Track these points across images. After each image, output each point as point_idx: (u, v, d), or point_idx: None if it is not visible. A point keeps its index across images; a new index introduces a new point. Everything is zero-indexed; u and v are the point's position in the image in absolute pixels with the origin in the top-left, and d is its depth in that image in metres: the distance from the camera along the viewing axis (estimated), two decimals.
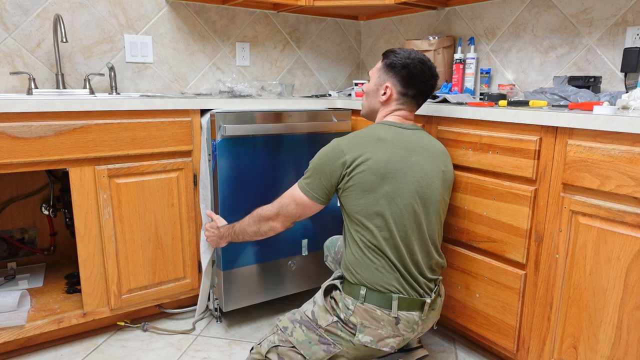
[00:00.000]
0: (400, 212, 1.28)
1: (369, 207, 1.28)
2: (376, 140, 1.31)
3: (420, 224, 1.32)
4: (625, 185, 1.13)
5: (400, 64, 1.36)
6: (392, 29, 2.58)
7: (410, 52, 1.38)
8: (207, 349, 1.67)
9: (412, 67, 1.36)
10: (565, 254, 1.28)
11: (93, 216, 1.59)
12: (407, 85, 1.37)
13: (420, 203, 1.31)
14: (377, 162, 1.27)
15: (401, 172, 1.29)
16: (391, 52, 1.40)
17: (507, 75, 2.07)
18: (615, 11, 1.69)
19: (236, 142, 1.68)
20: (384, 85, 1.40)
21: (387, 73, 1.39)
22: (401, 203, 1.28)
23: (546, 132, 1.30)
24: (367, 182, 1.27)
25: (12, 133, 1.41)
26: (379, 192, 1.27)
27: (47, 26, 1.92)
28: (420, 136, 1.37)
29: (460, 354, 1.67)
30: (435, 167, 1.34)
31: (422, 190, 1.31)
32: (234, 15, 2.35)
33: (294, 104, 1.92)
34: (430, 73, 1.38)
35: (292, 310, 1.45)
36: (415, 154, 1.32)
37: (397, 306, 1.26)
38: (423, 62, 1.37)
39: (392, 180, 1.27)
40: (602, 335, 1.22)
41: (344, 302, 1.30)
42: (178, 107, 1.67)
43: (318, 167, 1.32)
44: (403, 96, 1.39)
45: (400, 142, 1.32)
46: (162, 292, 1.77)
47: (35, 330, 1.56)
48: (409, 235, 1.29)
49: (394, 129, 1.35)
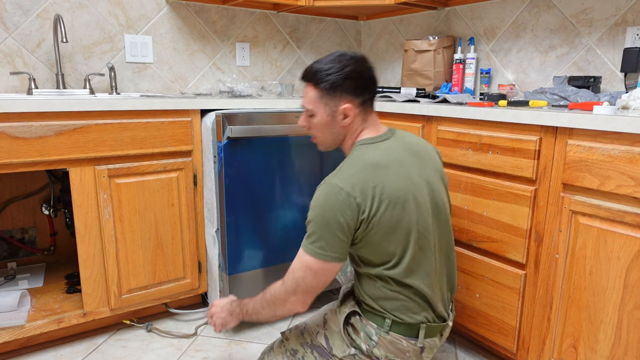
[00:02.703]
0: (425, 235, 1.13)
1: (395, 245, 1.10)
2: (374, 167, 1.10)
3: (441, 239, 1.20)
4: (625, 185, 1.13)
5: (342, 77, 1.13)
6: (392, 29, 2.59)
7: (337, 58, 1.16)
8: (207, 349, 1.67)
9: (354, 72, 1.14)
10: (565, 254, 1.28)
11: (93, 216, 1.59)
12: (361, 92, 1.16)
13: (434, 216, 1.17)
14: (391, 192, 1.08)
15: (413, 193, 1.11)
16: (319, 72, 1.15)
17: (507, 75, 2.07)
18: (615, 11, 1.69)
19: (242, 143, 1.67)
20: (339, 109, 1.16)
21: (334, 94, 1.15)
22: (422, 226, 1.12)
23: (546, 132, 1.30)
24: (390, 219, 1.07)
25: (12, 133, 1.41)
26: (404, 225, 1.09)
27: (47, 26, 1.92)
28: (403, 140, 1.21)
29: (460, 354, 1.67)
30: (432, 170, 1.21)
31: (435, 202, 1.18)
32: (234, 15, 2.35)
33: (294, 103, 1.92)
34: (362, 62, 1.17)
35: (297, 324, 1.32)
36: (412, 165, 1.16)
37: (424, 335, 1.14)
38: (354, 58, 1.16)
39: (410, 205, 1.10)
40: (602, 335, 1.22)
41: (365, 330, 1.15)
42: (178, 107, 1.67)
43: (327, 221, 1.06)
44: (363, 105, 1.18)
45: (396, 160, 1.14)
46: (162, 292, 1.77)
47: (35, 330, 1.56)
48: (435, 256, 1.17)
49: (380, 147, 1.16)
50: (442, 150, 1.59)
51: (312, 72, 1.17)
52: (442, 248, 1.21)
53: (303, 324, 1.29)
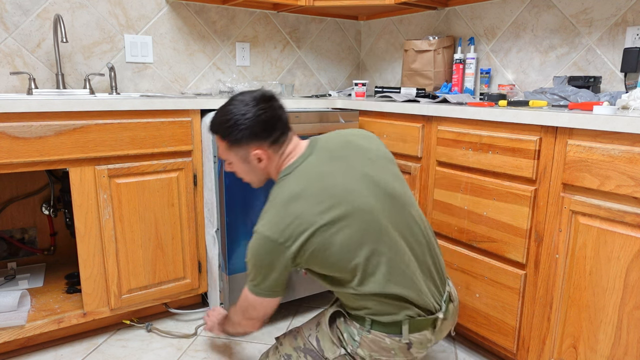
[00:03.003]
0: (385, 237, 1.10)
1: (355, 260, 1.08)
2: (294, 200, 1.08)
3: (412, 229, 1.16)
4: (625, 185, 1.13)
5: (243, 127, 1.15)
6: (392, 29, 2.59)
7: (238, 106, 1.16)
8: (207, 349, 1.67)
9: (256, 119, 1.14)
10: (565, 254, 1.28)
11: (93, 216, 1.59)
12: (268, 134, 1.16)
13: (391, 210, 1.13)
14: (318, 219, 1.06)
15: (351, 203, 1.08)
16: (222, 125, 1.18)
17: (507, 75, 2.07)
18: (615, 11, 1.69)
19: None
20: (250, 155, 1.18)
21: (241, 144, 1.17)
22: (376, 229, 1.09)
23: (546, 132, 1.30)
24: (332, 242, 1.07)
25: (12, 133, 1.41)
26: (353, 240, 1.08)
27: (47, 26, 1.92)
28: (326, 147, 1.18)
29: (460, 354, 1.67)
30: (367, 161, 1.16)
31: (386, 194, 1.14)
32: (234, 15, 2.35)
33: (294, 104, 1.92)
34: (263, 102, 1.17)
35: (292, 329, 1.32)
36: (339, 172, 1.12)
37: (408, 330, 1.12)
38: (255, 99, 1.16)
39: (351, 217, 1.07)
40: (602, 335, 1.22)
41: (348, 331, 1.15)
42: (178, 107, 1.67)
43: (260, 266, 1.11)
44: (274, 143, 1.17)
45: (317, 177, 1.11)
46: (162, 292, 1.77)
47: (35, 330, 1.56)
48: (410, 251, 1.14)
49: (298, 172, 1.14)
50: (442, 150, 1.59)
51: (216, 125, 1.19)
52: (417, 238, 1.16)
53: (298, 328, 1.29)
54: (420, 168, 1.71)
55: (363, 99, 2.04)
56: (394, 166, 1.23)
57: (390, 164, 1.22)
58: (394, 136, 1.78)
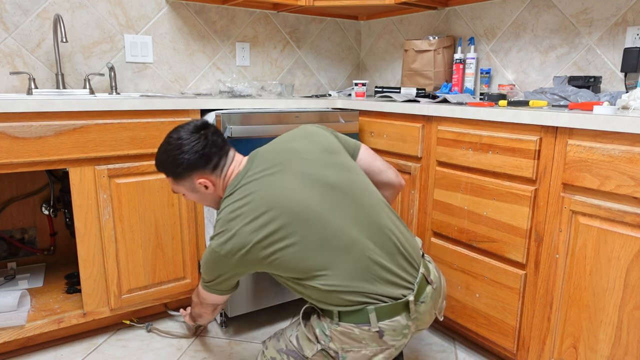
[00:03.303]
0: (333, 237, 1.11)
1: (312, 261, 1.11)
2: (233, 220, 1.13)
3: (367, 217, 1.16)
4: (625, 185, 1.13)
5: (180, 163, 1.22)
6: (392, 29, 2.59)
7: (173, 143, 1.23)
8: (207, 349, 1.67)
9: (190, 153, 1.21)
10: (565, 254, 1.28)
11: (93, 216, 1.59)
12: (206, 162, 1.22)
13: (335, 203, 1.15)
14: (255, 234, 1.10)
15: (287, 211, 1.11)
16: (162, 165, 1.26)
17: (507, 75, 2.07)
18: (615, 11, 1.69)
19: (243, 143, 1.67)
20: (196, 185, 1.25)
21: (183, 177, 1.24)
22: (320, 230, 1.11)
23: (546, 132, 1.30)
24: (274, 251, 1.11)
25: (12, 133, 1.41)
26: (297, 248, 1.11)
27: (47, 26, 1.92)
28: (263, 158, 1.22)
29: (460, 354, 1.67)
30: (305, 162, 1.19)
31: (331, 188, 1.16)
32: (234, 15, 2.35)
33: (294, 103, 1.92)
34: (195, 134, 1.23)
35: (277, 331, 1.34)
36: (274, 182, 1.15)
37: (376, 318, 1.11)
38: (189, 131, 1.23)
39: (293, 225, 1.11)
40: (602, 335, 1.22)
41: (320, 327, 1.17)
42: (178, 107, 1.67)
43: (210, 273, 1.20)
44: (215, 169, 1.24)
45: (255, 190, 1.15)
46: (162, 292, 1.77)
47: (35, 330, 1.56)
48: (365, 245, 1.13)
49: (238, 192, 1.17)
50: (442, 150, 1.59)
51: (158, 165, 1.28)
52: (373, 223, 1.16)
53: (282, 329, 1.30)
54: (420, 168, 1.71)
55: (363, 99, 2.04)
56: (337, 155, 1.24)
57: (331, 155, 1.23)
58: (394, 136, 1.78)
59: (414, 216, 1.75)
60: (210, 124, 1.28)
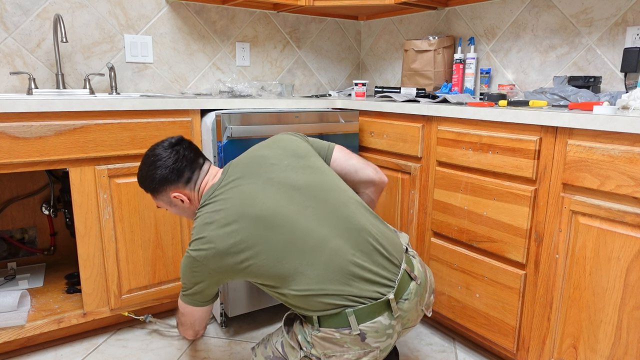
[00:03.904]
0: (301, 241, 1.11)
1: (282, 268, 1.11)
2: (207, 226, 1.15)
3: (336, 216, 1.15)
4: (625, 185, 1.13)
5: (155, 176, 1.26)
6: (392, 29, 2.59)
7: (145, 162, 1.28)
8: (207, 349, 1.67)
9: (162, 170, 1.25)
10: (565, 254, 1.28)
11: (93, 216, 1.59)
12: (177, 177, 1.26)
13: (306, 202, 1.16)
14: (229, 241, 1.11)
15: (259, 217, 1.13)
16: (140, 182, 1.31)
17: (507, 75, 2.07)
18: (615, 11, 1.69)
19: (243, 143, 1.67)
20: (172, 198, 1.29)
21: (159, 192, 1.29)
22: (290, 235, 1.11)
23: (546, 132, 1.30)
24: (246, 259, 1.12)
25: (12, 133, 1.41)
26: (269, 255, 1.11)
27: (47, 26, 1.92)
28: (236, 169, 1.23)
29: (460, 354, 1.67)
30: (275, 168, 1.21)
31: (293, 188, 1.17)
32: (234, 15, 2.35)
33: (294, 103, 1.92)
34: (166, 150, 1.27)
35: (264, 337, 1.33)
36: (249, 192, 1.16)
37: (356, 321, 1.09)
38: (163, 148, 1.28)
39: (266, 232, 1.12)
40: (602, 335, 1.22)
41: (302, 334, 1.16)
42: (178, 107, 1.67)
43: (189, 282, 1.20)
44: (188, 183, 1.28)
45: (230, 201, 1.16)
46: (162, 292, 1.77)
47: (35, 330, 1.56)
48: (330, 239, 1.12)
49: (213, 203, 1.18)
50: (442, 150, 1.59)
51: (139, 181, 1.32)
52: (346, 223, 1.15)
53: (269, 335, 1.30)
54: (420, 168, 1.71)
55: (363, 99, 2.04)
56: (305, 159, 1.25)
57: (300, 159, 1.25)
58: (394, 136, 1.78)
59: (414, 216, 1.75)
60: (184, 140, 1.31)
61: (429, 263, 1.71)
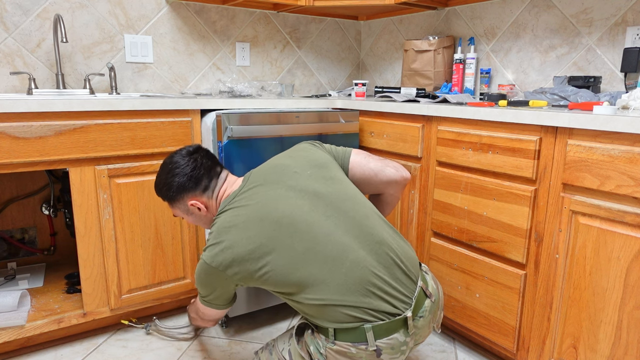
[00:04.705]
0: (324, 250, 1.10)
1: (298, 275, 1.10)
2: (227, 230, 1.15)
3: (357, 228, 1.15)
4: (625, 185, 1.13)
5: (173, 183, 1.27)
6: (392, 29, 2.59)
7: (166, 169, 1.29)
8: (207, 349, 1.67)
9: (180, 177, 1.26)
10: (565, 254, 1.28)
11: (93, 216, 1.59)
12: (195, 185, 1.27)
13: (329, 212, 1.15)
14: (250, 245, 1.11)
15: (280, 225, 1.12)
16: (156, 189, 1.32)
17: (507, 75, 2.07)
18: (615, 11, 1.69)
19: (243, 143, 1.67)
20: (188, 207, 1.30)
21: (176, 200, 1.30)
22: (312, 243, 1.10)
23: (546, 132, 1.30)
24: (264, 266, 1.11)
25: (12, 133, 1.41)
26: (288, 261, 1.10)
27: (47, 26, 1.92)
28: (259, 177, 1.23)
29: (460, 354, 1.67)
30: (296, 177, 1.21)
31: (320, 201, 1.16)
32: (234, 15, 2.35)
33: (294, 103, 1.92)
34: (183, 158, 1.28)
35: (268, 341, 1.32)
36: (272, 197, 1.16)
37: (374, 336, 1.08)
38: (180, 155, 1.29)
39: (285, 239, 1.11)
40: (602, 335, 1.22)
41: (315, 345, 1.13)
42: (178, 107, 1.67)
43: (204, 287, 1.21)
44: (206, 191, 1.29)
45: (250, 207, 1.16)
46: (162, 292, 1.77)
47: (35, 330, 1.56)
48: (350, 251, 1.11)
49: (232, 210, 1.18)
50: (442, 150, 1.59)
51: (156, 190, 1.33)
52: (367, 236, 1.14)
53: (274, 340, 1.29)
54: (421, 168, 1.71)
55: (363, 99, 2.04)
56: (326, 169, 1.25)
57: (321, 169, 1.25)
58: (394, 136, 1.78)
59: (414, 216, 1.75)
60: (201, 148, 1.33)
61: (429, 263, 1.71)
